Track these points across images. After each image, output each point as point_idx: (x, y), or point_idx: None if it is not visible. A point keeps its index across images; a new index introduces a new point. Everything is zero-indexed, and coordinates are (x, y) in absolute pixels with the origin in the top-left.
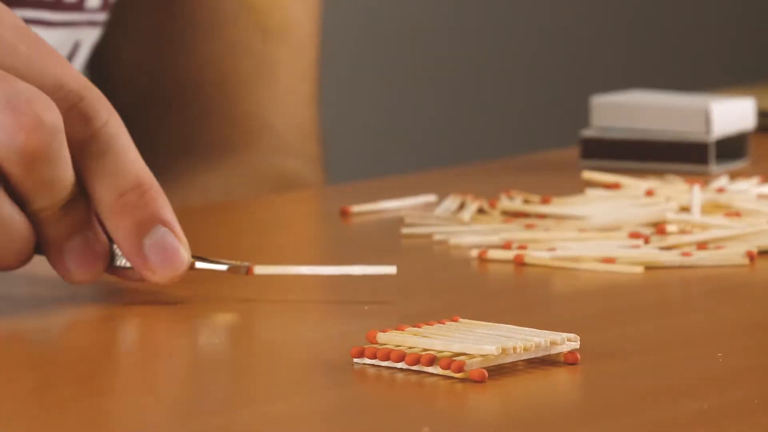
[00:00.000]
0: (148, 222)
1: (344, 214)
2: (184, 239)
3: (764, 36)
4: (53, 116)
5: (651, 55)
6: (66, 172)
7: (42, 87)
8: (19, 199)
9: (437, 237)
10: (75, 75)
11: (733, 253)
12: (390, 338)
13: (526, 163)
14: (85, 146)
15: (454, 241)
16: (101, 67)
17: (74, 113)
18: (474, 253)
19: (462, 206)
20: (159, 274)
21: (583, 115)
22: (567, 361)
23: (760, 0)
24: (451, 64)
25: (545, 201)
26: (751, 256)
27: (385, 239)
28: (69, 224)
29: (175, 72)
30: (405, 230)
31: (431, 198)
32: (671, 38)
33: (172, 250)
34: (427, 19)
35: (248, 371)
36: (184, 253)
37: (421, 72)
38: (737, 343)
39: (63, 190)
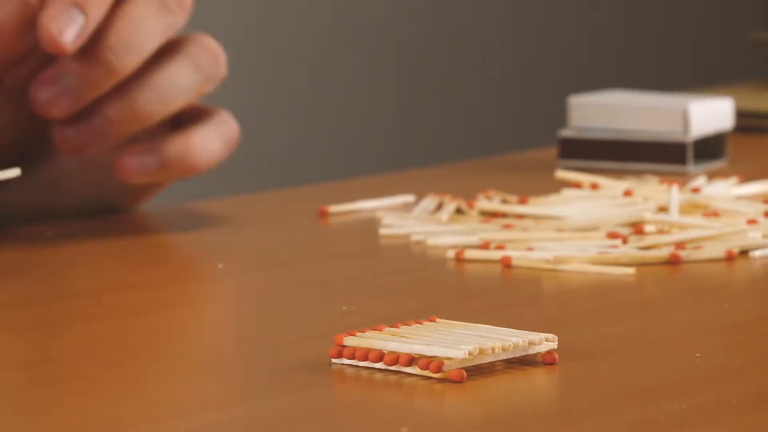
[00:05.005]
0: None
1: (322, 214)
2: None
3: (742, 36)
4: None
5: (629, 55)
6: None
7: None
8: None
9: (415, 237)
10: None
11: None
12: (357, 341)
13: (503, 163)
14: None
15: (432, 241)
16: None
17: None
18: (451, 253)
19: (440, 206)
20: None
21: (560, 115)
22: (545, 361)
23: (738, 0)
24: (429, 63)
25: (523, 201)
26: (731, 256)
27: (362, 239)
28: None
29: None
30: (383, 230)
31: (409, 198)
32: (649, 38)
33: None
34: (404, 19)
35: (227, 372)
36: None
37: (398, 72)
38: (716, 343)
39: None
